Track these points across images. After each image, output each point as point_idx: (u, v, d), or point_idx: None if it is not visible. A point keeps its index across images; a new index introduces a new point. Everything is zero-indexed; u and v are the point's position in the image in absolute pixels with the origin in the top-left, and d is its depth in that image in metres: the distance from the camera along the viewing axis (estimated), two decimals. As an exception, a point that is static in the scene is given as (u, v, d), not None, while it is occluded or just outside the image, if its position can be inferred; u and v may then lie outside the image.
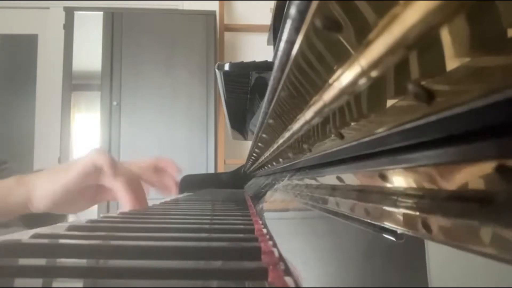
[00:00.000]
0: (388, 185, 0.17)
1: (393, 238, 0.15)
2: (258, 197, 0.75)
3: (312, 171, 0.36)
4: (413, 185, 0.15)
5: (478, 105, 0.09)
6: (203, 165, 2.35)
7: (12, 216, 0.60)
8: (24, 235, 0.33)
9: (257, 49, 2.65)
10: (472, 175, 0.11)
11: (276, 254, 0.29)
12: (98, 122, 2.39)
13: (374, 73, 0.13)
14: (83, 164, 0.58)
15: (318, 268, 0.23)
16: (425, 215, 0.12)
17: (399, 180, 0.16)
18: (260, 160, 0.73)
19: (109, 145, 2.36)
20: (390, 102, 0.13)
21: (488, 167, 0.10)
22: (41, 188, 0.58)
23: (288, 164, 0.46)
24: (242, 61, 0.73)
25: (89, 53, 2.44)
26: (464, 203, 0.11)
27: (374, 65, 0.13)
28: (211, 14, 2.50)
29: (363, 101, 0.16)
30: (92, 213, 2.20)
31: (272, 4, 0.91)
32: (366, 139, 0.17)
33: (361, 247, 0.19)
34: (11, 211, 0.59)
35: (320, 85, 0.18)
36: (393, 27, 0.10)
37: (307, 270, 0.24)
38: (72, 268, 0.24)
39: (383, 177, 0.17)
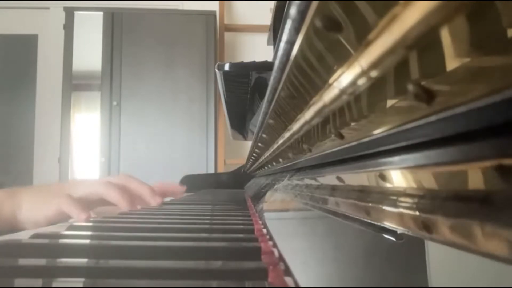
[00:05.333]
0: (388, 185, 0.17)
1: (393, 238, 0.15)
2: (258, 197, 0.75)
3: (312, 171, 0.36)
4: (413, 185, 0.15)
5: (478, 105, 0.09)
6: (203, 165, 2.35)
7: None
8: (24, 235, 0.33)
9: (257, 49, 2.65)
10: (472, 175, 0.11)
11: (276, 254, 0.29)
12: (98, 122, 2.38)
13: (374, 73, 0.13)
14: (50, 210, 0.59)
15: (318, 268, 0.23)
16: (425, 215, 0.12)
17: (399, 180, 0.16)
18: (260, 160, 0.73)
19: (109, 145, 2.36)
20: (390, 102, 0.13)
21: (488, 167, 0.10)
22: (26, 213, 0.61)
23: (288, 164, 0.46)
24: (242, 61, 0.73)
25: (89, 53, 2.43)
26: (464, 203, 0.11)
27: (374, 65, 0.13)
28: (211, 14, 2.50)
29: (363, 101, 0.16)
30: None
31: (272, 4, 0.91)
32: (366, 139, 0.17)
33: (361, 247, 0.19)
34: None
35: (320, 85, 0.18)
36: (393, 27, 0.10)
37: (307, 270, 0.24)
38: (72, 268, 0.24)
39: (383, 177, 0.17)
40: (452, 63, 0.09)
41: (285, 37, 0.18)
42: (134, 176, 0.71)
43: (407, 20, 0.10)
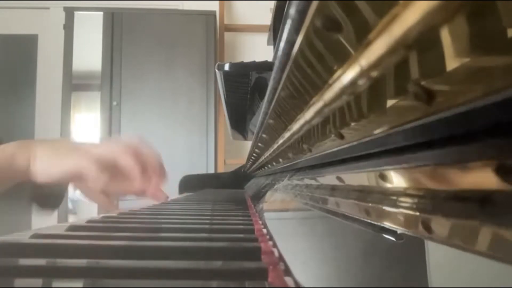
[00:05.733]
0: (388, 185, 0.17)
1: (393, 238, 0.15)
2: (258, 197, 0.75)
3: (312, 171, 0.36)
4: (413, 185, 0.15)
5: (478, 105, 0.09)
6: (203, 165, 2.35)
7: (11, 182, 0.59)
8: (24, 235, 0.33)
9: (257, 49, 2.65)
10: (472, 175, 0.11)
11: (276, 254, 0.29)
12: (98, 122, 2.38)
13: (374, 73, 0.13)
14: (68, 168, 0.58)
15: (318, 268, 0.23)
16: (425, 215, 0.12)
17: (399, 180, 0.16)
18: (260, 160, 0.73)
19: (109, 145, 2.36)
20: (390, 102, 0.13)
21: (488, 167, 0.10)
22: (41, 163, 0.59)
23: (288, 164, 0.46)
24: (242, 61, 0.73)
25: (89, 53, 2.43)
26: (464, 203, 0.11)
27: (374, 65, 0.13)
28: (211, 14, 2.50)
29: (363, 101, 0.16)
30: (92, 213, 2.20)
31: (272, 4, 0.91)
32: (366, 139, 0.17)
33: (361, 247, 0.19)
34: (11, 177, 0.59)
35: (320, 85, 0.18)
36: (393, 27, 0.10)
37: (307, 270, 0.24)
38: (72, 268, 0.24)
39: (383, 177, 0.17)
40: (452, 63, 0.09)
41: (285, 37, 0.18)
42: (144, 141, 0.69)
43: (407, 20, 0.10)
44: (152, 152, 0.68)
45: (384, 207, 0.16)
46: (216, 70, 0.72)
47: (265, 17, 1.54)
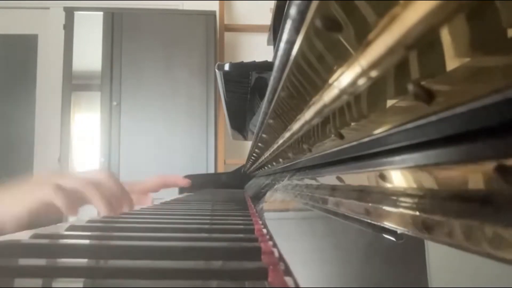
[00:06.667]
0: (388, 185, 0.17)
1: (393, 238, 0.15)
2: (258, 197, 0.75)
3: (312, 171, 0.36)
4: (413, 185, 0.15)
5: (478, 105, 0.09)
6: (203, 165, 2.35)
7: None
8: (24, 235, 0.33)
9: (257, 49, 2.65)
10: (472, 175, 0.11)
11: (276, 254, 0.29)
12: (98, 122, 2.38)
13: (374, 73, 0.13)
14: (33, 201, 0.56)
15: (318, 268, 0.23)
16: (425, 215, 0.12)
17: (399, 180, 0.16)
18: (260, 160, 0.73)
19: (109, 145, 2.36)
20: (390, 102, 0.13)
21: (488, 167, 0.10)
22: (6, 209, 0.57)
23: (288, 164, 0.46)
24: (242, 61, 0.73)
25: (89, 53, 2.43)
26: (464, 203, 0.11)
27: (374, 65, 0.13)
28: (211, 14, 2.50)
29: (363, 101, 0.16)
30: (92, 213, 2.20)
31: (272, 4, 0.91)
32: (366, 139, 0.17)
33: (361, 247, 0.19)
34: None
35: (320, 85, 0.18)
36: (393, 27, 0.10)
37: (307, 270, 0.24)
38: (72, 268, 0.24)
39: (383, 177, 0.17)
40: (452, 63, 0.09)
41: (285, 37, 0.18)
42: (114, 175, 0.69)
43: (407, 20, 0.10)
44: (116, 183, 0.66)
45: (384, 207, 0.16)
46: (216, 70, 0.72)
47: (265, 17, 1.54)
